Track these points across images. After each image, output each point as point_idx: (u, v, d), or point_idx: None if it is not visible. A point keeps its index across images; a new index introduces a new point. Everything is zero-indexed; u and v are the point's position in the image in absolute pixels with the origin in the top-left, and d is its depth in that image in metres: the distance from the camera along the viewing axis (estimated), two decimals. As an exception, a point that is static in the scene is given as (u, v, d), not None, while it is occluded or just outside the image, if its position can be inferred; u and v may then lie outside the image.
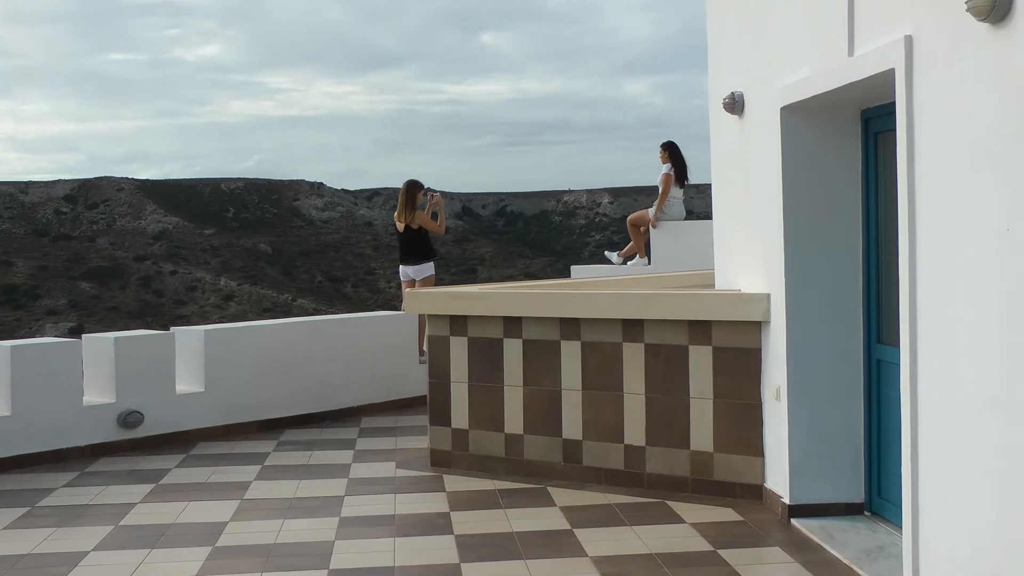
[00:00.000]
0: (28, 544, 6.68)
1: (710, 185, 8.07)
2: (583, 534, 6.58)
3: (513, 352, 8.16)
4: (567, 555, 6.19)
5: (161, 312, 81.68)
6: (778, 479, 6.92)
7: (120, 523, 7.13)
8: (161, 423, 9.71)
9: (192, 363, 10.11)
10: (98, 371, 9.60)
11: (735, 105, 7.34)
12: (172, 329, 10.29)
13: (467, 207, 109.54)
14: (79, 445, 9.24)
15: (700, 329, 7.37)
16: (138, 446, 9.51)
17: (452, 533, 6.69)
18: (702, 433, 7.38)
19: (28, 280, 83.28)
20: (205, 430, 9.97)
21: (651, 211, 13.43)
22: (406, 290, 10.54)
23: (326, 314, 22.59)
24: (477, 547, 6.39)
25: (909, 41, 5.07)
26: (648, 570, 5.91)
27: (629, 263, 13.79)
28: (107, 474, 8.59)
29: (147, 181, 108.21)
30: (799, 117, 6.62)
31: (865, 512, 6.72)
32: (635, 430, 7.66)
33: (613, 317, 7.70)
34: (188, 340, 10.16)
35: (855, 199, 6.66)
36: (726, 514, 6.93)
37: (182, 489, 8.02)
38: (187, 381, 10.11)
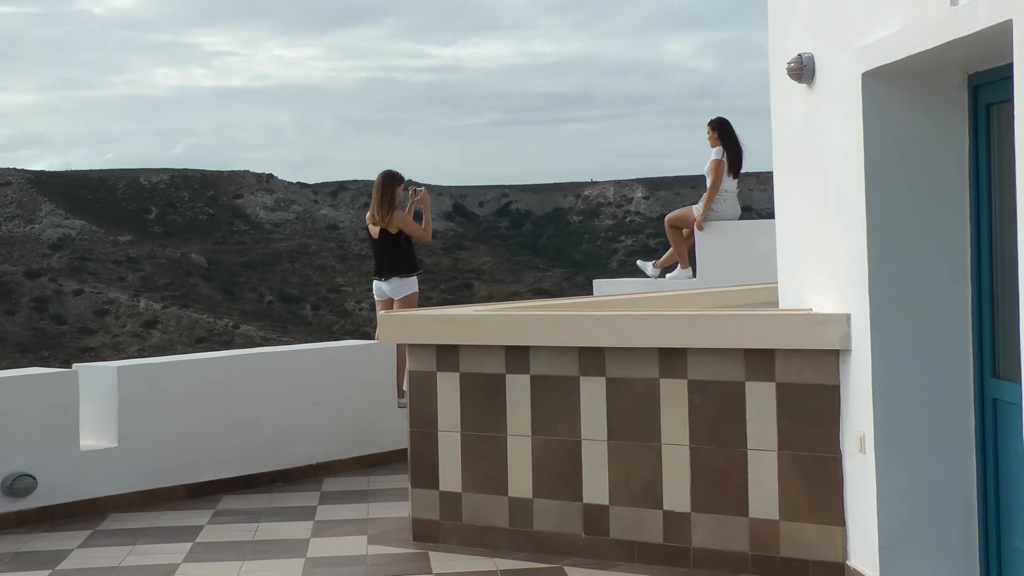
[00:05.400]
0: None
1: (772, 174, 8.07)
2: (611, 629, 6.57)
3: (519, 392, 8.17)
4: (590, 657, 6.19)
5: (61, 344, 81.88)
6: (865, 555, 6.90)
7: (8, 619, 7.12)
8: (60, 490, 9.69)
9: (102, 410, 10.10)
10: (-21, 421, 9.59)
11: (804, 71, 7.35)
12: (75, 366, 10.28)
13: (460, 204, 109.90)
14: (-46, 518, 9.24)
15: (760, 360, 7.37)
16: (29, 520, 9.49)
17: (440, 629, 6.68)
18: (764, 496, 7.37)
19: None
20: (118, 497, 9.96)
21: (697, 208, 13.45)
22: (381, 313, 10.53)
23: (278, 344, 22.64)
24: (473, 647, 6.37)
25: (1029, -16, 5.08)
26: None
27: (668, 275, 13.80)
28: (-9, 555, 8.58)
29: (42, 173, 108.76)
30: (886, 85, 6.62)
31: (979, 598, 6.70)
32: (677, 492, 7.65)
33: (648, 346, 7.70)
34: (97, 380, 10.15)
35: (960, 189, 6.66)
36: (797, 602, 6.91)
37: (88, 575, 7.99)
38: (95, 434, 10.10)
